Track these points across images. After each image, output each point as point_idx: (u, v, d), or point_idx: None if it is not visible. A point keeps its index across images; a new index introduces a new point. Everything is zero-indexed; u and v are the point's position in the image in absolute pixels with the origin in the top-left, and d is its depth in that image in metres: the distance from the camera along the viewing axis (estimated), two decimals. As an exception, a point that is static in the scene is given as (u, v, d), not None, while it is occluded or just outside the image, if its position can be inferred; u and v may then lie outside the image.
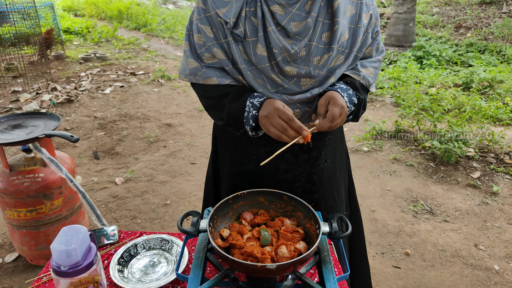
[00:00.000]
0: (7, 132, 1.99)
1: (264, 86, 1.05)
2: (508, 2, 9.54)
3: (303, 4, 0.99)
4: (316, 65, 1.03)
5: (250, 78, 1.04)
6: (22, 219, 2.01)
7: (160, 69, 6.11)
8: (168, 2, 14.48)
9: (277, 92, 1.06)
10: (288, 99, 1.05)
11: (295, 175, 1.19)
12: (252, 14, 1.00)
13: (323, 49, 1.02)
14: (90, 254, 0.95)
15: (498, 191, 2.86)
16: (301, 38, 1.01)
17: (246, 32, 1.01)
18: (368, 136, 3.79)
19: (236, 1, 1.00)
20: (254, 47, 1.01)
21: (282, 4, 0.99)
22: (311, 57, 1.02)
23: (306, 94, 1.05)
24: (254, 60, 1.02)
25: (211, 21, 1.05)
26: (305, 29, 1.00)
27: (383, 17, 9.59)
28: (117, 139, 3.81)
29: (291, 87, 1.05)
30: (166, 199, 2.84)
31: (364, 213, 2.67)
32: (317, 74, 1.04)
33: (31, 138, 1.86)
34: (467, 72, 5.21)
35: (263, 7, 1.00)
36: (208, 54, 1.07)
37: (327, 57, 1.03)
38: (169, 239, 1.25)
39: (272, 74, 1.03)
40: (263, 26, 1.00)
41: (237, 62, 1.03)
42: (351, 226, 1.01)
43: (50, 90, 5.15)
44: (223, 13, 1.01)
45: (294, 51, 1.00)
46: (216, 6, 1.02)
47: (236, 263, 0.90)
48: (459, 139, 3.29)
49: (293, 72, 1.02)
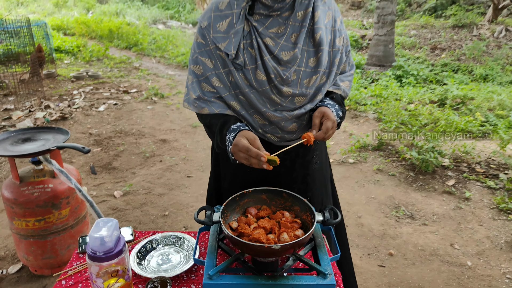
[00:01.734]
0: (18, 145, 2.13)
1: (264, 105, 1.23)
2: (478, 26, 10.15)
3: (289, 36, 1.19)
4: (306, 86, 1.23)
5: (254, 99, 1.22)
6: (30, 228, 2.11)
7: (153, 87, 6.29)
8: (158, 22, 14.78)
9: (276, 110, 1.24)
10: (287, 115, 1.24)
11: (293, 177, 1.39)
12: (249, 46, 1.19)
13: (310, 72, 1.23)
14: (120, 242, 1.11)
15: (470, 197, 3.12)
16: (291, 65, 1.20)
17: (245, 61, 1.18)
18: (353, 149, 4.04)
19: (234, 35, 1.17)
20: (254, 73, 1.19)
21: (272, 37, 1.19)
22: (301, 80, 1.22)
23: (301, 110, 1.25)
24: (255, 84, 1.20)
25: (210, 54, 1.22)
26: (293, 57, 1.19)
27: (365, 38, 10.05)
28: (113, 154, 3.95)
29: (287, 104, 1.24)
30: (165, 210, 2.99)
31: (351, 219, 2.88)
32: (308, 93, 1.24)
33: (44, 150, 2.01)
34: (442, 90, 5.57)
35: (257, 39, 1.18)
36: (207, 84, 1.24)
37: (314, 78, 1.23)
38: (181, 236, 1.40)
39: (272, 95, 1.22)
40: (259, 55, 1.18)
41: (240, 87, 1.21)
42: (340, 215, 1.21)
43: (43, 107, 5.27)
44: (224, 46, 1.17)
45: (286, 76, 1.19)
46: (217, 41, 1.19)
47: (247, 245, 1.08)
48: (435, 150, 3.57)
49: (289, 92, 1.21)
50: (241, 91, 1.22)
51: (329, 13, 1.25)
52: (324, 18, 1.22)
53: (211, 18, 1.19)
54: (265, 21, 1.18)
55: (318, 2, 1.21)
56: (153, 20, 14.93)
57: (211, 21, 1.19)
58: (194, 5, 18.06)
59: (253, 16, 1.17)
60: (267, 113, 1.24)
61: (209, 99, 1.24)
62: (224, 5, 1.18)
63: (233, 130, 1.17)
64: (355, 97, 5.65)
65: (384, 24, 7.41)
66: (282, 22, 1.18)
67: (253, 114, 1.25)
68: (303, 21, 1.19)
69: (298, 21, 1.19)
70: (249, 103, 1.24)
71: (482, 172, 3.52)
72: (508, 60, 7.84)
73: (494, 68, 7.24)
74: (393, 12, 7.37)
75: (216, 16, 1.18)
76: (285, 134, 1.29)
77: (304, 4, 1.18)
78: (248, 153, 1.09)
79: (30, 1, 21.54)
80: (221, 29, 1.18)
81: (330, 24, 1.25)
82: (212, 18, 1.19)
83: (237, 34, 1.16)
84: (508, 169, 3.54)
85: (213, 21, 1.19)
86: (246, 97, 1.22)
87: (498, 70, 7.20)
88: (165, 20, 15.45)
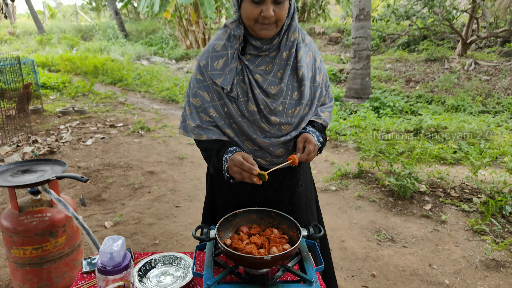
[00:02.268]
0: (18, 176, 2.23)
1: (255, 133, 1.40)
2: (449, 60, 10.79)
3: (276, 73, 1.38)
4: (291, 115, 1.42)
5: (245, 127, 1.39)
6: (28, 256, 2.18)
7: (139, 121, 6.43)
8: (141, 58, 15.10)
9: (265, 137, 1.41)
10: (275, 141, 1.41)
11: (281, 198, 1.55)
12: (242, 81, 1.37)
13: (294, 103, 1.41)
14: (127, 258, 1.23)
15: (446, 220, 3.31)
16: (278, 98, 1.38)
17: (238, 94, 1.36)
18: (335, 177, 4.23)
19: (229, 72, 1.35)
20: (245, 105, 1.37)
21: (261, 74, 1.37)
22: (287, 110, 1.40)
23: (287, 136, 1.43)
24: (247, 114, 1.37)
25: (207, 89, 1.38)
26: (280, 91, 1.38)
27: (343, 72, 10.52)
28: (102, 186, 4.02)
29: (275, 132, 1.42)
30: (155, 239, 3.06)
31: (335, 243, 3.01)
32: (293, 122, 1.43)
33: (44, 180, 2.12)
34: (417, 120, 5.89)
35: (249, 76, 1.36)
36: (205, 114, 1.39)
37: (298, 109, 1.42)
38: (178, 256, 1.51)
39: (261, 124, 1.39)
40: (250, 89, 1.37)
41: (233, 117, 1.38)
42: (323, 230, 1.37)
43: (31, 142, 5.32)
44: (220, 82, 1.34)
45: (273, 107, 1.37)
46: (214, 77, 1.36)
47: (241, 257, 1.22)
48: (412, 177, 3.79)
49: (277, 121, 1.39)
50: (234, 120, 1.39)
51: (310, 53, 1.46)
52: (305, 58, 1.43)
53: (209, 57, 1.37)
54: (255, 60, 1.37)
55: (300, 44, 1.41)
56: (137, 56, 15.25)
57: (208, 60, 1.37)
58: (177, 42, 18.57)
59: (245, 56, 1.37)
60: (258, 140, 1.40)
61: (207, 127, 1.40)
62: (220, 47, 1.36)
63: (230, 151, 1.34)
64: (335, 128, 5.92)
65: (360, 59, 7.85)
66: (269, 61, 1.38)
67: (245, 141, 1.42)
68: (288, 60, 1.38)
69: (283, 60, 1.38)
70: (241, 131, 1.40)
71: (456, 197, 3.74)
72: (477, 91, 8.31)
73: (465, 99, 7.68)
74: (368, 48, 7.83)
75: (213, 56, 1.37)
76: (273, 158, 1.45)
77: (288, 45, 1.38)
78: (242, 166, 1.25)
79: (13, 39, 21.74)
80: (217, 67, 1.36)
81: (311, 62, 1.45)
82: (209, 58, 1.37)
83: (231, 72, 1.35)
84: (480, 193, 3.77)
85: (211, 60, 1.37)
86: (238, 125, 1.39)
87: (468, 100, 7.65)
88: (149, 56, 15.80)
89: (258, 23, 1.27)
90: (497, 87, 8.44)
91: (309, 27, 17.53)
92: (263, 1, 1.23)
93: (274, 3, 1.24)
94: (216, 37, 1.41)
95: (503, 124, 6.21)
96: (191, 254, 1.51)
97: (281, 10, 1.25)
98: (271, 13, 1.23)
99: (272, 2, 1.23)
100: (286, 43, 1.37)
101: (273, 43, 1.35)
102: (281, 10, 1.25)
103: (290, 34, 1.36)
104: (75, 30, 23.78)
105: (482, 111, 7.33)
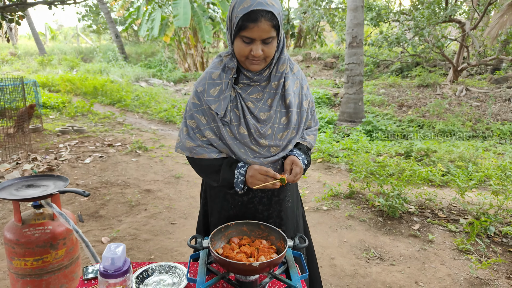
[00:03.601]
0: (22, 190, 2.34)
1: (246, 154, 1.54)
2: (441, 86, 11.11)
3: (266, 100, 1.53)
4: (279, 138, 1.56)
5: (236, 148, 1.52)
6: (29, 267, 2.27)
7: (137, 141, 6.57)
8: (140, 80, 15.38)
9: (255, 157, 1.55)
10: (264, 161, 1.55)
11: (269, 213, 1.68)
12: (235, 107, 1.51)
13: (282, 128, 1.56)
14: (126, 263, 1.35)
15: (433, 239, 3.43)
16: (267, 123, 1.53)
17: (231, 119, 1.51)
18: (327, 197, 4.35)
19: (223, 100, 1.50)
20: (237, 129, 1.51)
21: (252, 101, 1.52)
22: (276, 134, 1.55)
23: (275, 157, 1.57)
24: (238, 137, 1.51)
25: (204, 112, 1.50)
26: (269, 117, 1.53)
27: (338, 96, 10.79)
28: (100, 203, 4.12)
29: (264, 153, 1.56)
30: (151, 254, 3.15)
31: (325, 260, 3.11)
32: (281, 144, 1.57)
33: (47, 194, 2.23)
34: (407, 144, 6.08)
35: (241, 102, 1.51)
36: (201, 135, 1.52)
37: (286, 133, 1.57)
38: (173, 265, 1.62)
39: (252, 146, 1.53)
40: (242, 114, 1.51)
41: (225, 139, 1.52)
42: (307, 241, 1.49)
43: (30, 160, 5.43)
44: (215, 108, 1.47)
45: (263, 131, 1.52)
46: (209, 103, 1.49)
47: (232, 264, 1.34)
48: (400, 197, 3.92)
49: (266, 143, 1.54)
50: (226, 143, 1.53)
51: (297, 82, 1.62)
52: (293, 86, 1.59)
53: (206, 85, 1.52)
54: (247, 89, 1.53)
55: (288, 74, 1.57)
56: (136, 78, 15.54)
57: (205, 87, 1.52)
58: (175, 64, 18.97)
59: (238, 85, 1.52)
60: (247, 160, 1.54)
61: (206, 146, 1.55)
62: (216, 76, 1.52)
63: (241, 166, 1.50)
64: (328, 150, 6.08)
65: (353, 84, 8.10)
66: (260, 90, 1.53)
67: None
68: (277, 89, 1.54)
69: (273, 89, 1.54)
70: (232, 152, 1.55)
71: (444, 217, 3.86)
72: (467, 116, 8.55)
73: (455, 124, 7.90)
74: (361, 73, 8.10)
75: (209, 83, 1.52)
76: None
77: (277, 76, 1.54)
78: (267, 173, 1.45)
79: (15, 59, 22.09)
80: (213, 94, 1.51)
81: (298, 90, 1.61)
82: (206, 85, 1.52)
83: (225, 99, 1.50)
84: (467, 214, 3.90)
85: (207, 87, 1.52)
86: (230, 147, 1.54)
87: (459, 126, 7.87)
88: (148, 78, 16.10)
89: (249, 59, 1.43)
90: (487, 113, 8.70)
91: (305, 53, 17.99)
92: (253, 41, 1.38)
93: (263, 43, 1.38)
94: (212, 66, 1.56)
95: (491, 148, 6.40)
96: (186, 264, 1.62)
97: (270, 49, 1.41)
98: (260, 52, 1.38)
99: (261, 42, 1.38)
100: (275, 74, 1.53)
101: (263, 74, 1.51)
102: (270, 48, 1.41)
103: (280, 66, 1.52)
104: (75, 51, 24.24)
105: (472, 136, 7.54)
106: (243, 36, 1.37)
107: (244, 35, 1.36)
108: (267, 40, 1.37)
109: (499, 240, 3.40)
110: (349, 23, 7.96)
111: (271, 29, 1.36)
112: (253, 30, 1.34)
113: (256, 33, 1.35)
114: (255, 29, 1.34)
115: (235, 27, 1.37)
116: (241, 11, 1.33)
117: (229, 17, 1.41)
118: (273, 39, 1.40)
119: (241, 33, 1.36)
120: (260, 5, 1.32)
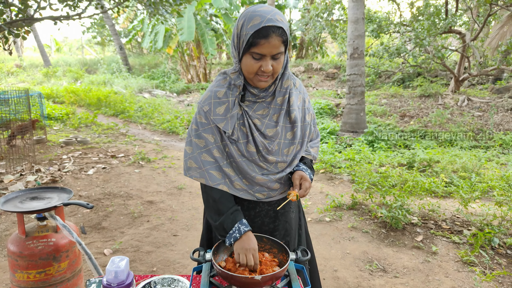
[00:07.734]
0: (27, 202, 2.36)
1: (254, 170, 1.55)
2: (443, 96, 11.13)
3: (271, 116, 1.55)
4: (286, 154, 1.58)
5: (244, 166, 1.53)
6: (31, 280, 2.27)
7: (140, 152, 6.60)
8: (144, 91, 15.50)
9: (263, 174, 1.56)
10: (273, 178, 1.57)
11: (275, 225, 1.69)
12: (242, 125, 1.52)
13: (288, 143, 1.58)
14: (130, 276, 1.36)
15: (437, 251, 3.41)
16: (274, 139, 1.55)
17: (239, 137, 1.52)
18: (329, 208, 4.34)
19: (231, 118, 1.51)
20: (245, 146, 1.52)
21: (259, 118, 1.54)
22: (282, 150, 1.57)
23: (282, 173, 1.59)
24: (246, 154, 1.52)
25: (211, 131, 1.50)
26: (276, 133, 1.54)
27: (339, 106, 10.83)
28: (103, 215, 4.13)
29: (272, 169, 1.57)
30: (153, 266, 3.14)
31: (328, 272, 3.10)
32: (288, 160, 1.59)
33: (51, 206, 2.25)
34: (410, 154, 6.07)
35: (248, 120, 1.52)
36: (208, 154, 1.51)
37: (292, 148, 1.59)
38: (176, 278, 1.62)
39: (260, 163, 1.54)
40: (250, 132, 1.53)
41: (233, 157, 1.53)
42: (310, 254, 1.50)
43: (34, 171, 5.46)
44: (222, 126, 1.48)
45: (271, 148, 1.54)
46: (216, 122, 1.48)
47: (234, 277, 1.35)
48: (403, 208, 3.91)
49: (273, 160, 1.55)
50: (234, 160, 1.54)
51: (300, 96, 1.64)
52: (297, 101, 1.61)
53: (211, 104, 1.52)
54: (253, 105, 1.54)
55: (292, 90, 1.59)
56: (139, 89, 15.66)
57: (211, 106, 1.52)
58: (178, 76, 19.12)
59: (244, 102, 1.53)
60: (257, 177, 1.55)
61: (207, 170, 1.53)
62: (222, 94, 1.52)
63: (245, 224, 1.49)
64: (330, 161, 6.08)
65: (355, 95, 8.14)
66: (266, 106, 1.55)
67: (243, 178, 1.57)
68: (282, 105, 1.56)
69: (278, 105, 1.56)
70: (239, 169, 1.55)
71: (447, 229, 3.84)
72: (470, 126, 8.55)
73: (457, 134, 7.91)
74: (362, 84, 8.15)
75: (215, 102, 1.52)
76: (270, 191, 1.61)
77: (282, 92, 1.55)
78: (252, 260, 1.43)
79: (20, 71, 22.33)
80: (219, 113, 1.51)
81: (301, 104, 1.64)
82: (212, 104, 1.52)
83: (233, 118, 1.50)
84: (470, 226, 3.88)
85: (213, 106, 1.52)
86: (238, 165, 1.54)
87: (461, 135, 7.87)
88: (151, 89, 16.22)
89: (257, 75, 1.44)
90: (489, 122, 8.69)
91: (307, 63, 18.11)
92: (263, 57, 1.39)
93: (272, 58, 1.40)
94: (216, 84, 1.56)
95: (494, 158, 6.38)
96: (188, 277, 1.62)
97: (278, 64, 1.42)
98: (270, 68, 1.40)
99: (271, 58, 1.40)
100: (280, 90, 1.55)
101: (268, 90, 1.53)
102: (278, 64, 1.42)
103: (284, 81, 1.54)
104: (80, 63, 24.50)
105: (474, 146, 7.53)
106: (253, 53, 1.38)
107: (255, 51, 1.37)
108: (277, 55, 1.39)
109: (504, 251, 3.38)
110: (350, 34, 8.03)
111: (281, 44, 1.38)
112: (264, 46, 1.36)
113: (267, 49, 1.36)
114: (266, 45, 1.35)
115: (245, 44, 1.38)
116: (251, 28, 1.34)
117: (238, 35, 1.41)
118: (281, 55, 1.41)
119: (252, 49, 1.37)
120: (271, 21, 1.34)
